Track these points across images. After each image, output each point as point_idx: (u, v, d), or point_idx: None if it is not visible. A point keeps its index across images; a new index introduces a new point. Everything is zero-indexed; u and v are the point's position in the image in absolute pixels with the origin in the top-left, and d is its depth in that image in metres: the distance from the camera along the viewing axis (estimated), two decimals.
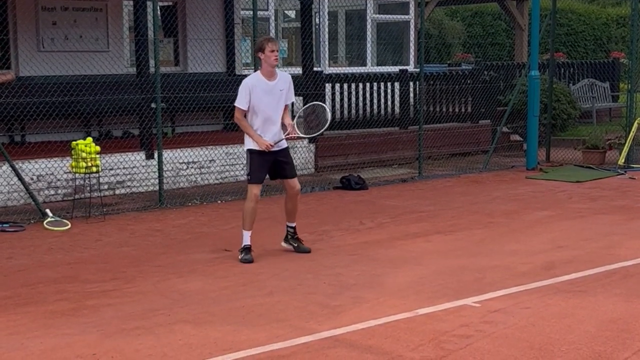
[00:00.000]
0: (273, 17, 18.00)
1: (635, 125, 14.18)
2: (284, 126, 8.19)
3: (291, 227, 8.54)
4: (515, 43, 21.41)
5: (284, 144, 8.17)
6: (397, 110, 15.19)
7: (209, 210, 10.85)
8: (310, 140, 13.58)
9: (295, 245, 8.50)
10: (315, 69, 14.04)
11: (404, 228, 9.64)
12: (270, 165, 8.17)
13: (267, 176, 8.35)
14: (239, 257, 8.12)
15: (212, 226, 9.86)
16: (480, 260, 8.08)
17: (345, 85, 14.67)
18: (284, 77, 8.20)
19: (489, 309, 6.45)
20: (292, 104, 8.62)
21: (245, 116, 8.08)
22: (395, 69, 16.86)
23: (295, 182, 8.29)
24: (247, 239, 8.15)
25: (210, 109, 13.85)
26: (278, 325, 6.14)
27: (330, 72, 16.66)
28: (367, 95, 14.90)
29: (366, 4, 18.65)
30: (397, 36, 19.82)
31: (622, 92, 18.98)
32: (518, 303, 6.61)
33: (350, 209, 10.94)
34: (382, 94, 15.08)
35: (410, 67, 18.20)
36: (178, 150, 12.19)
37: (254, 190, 8.09)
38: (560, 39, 26.80)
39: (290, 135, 8.13)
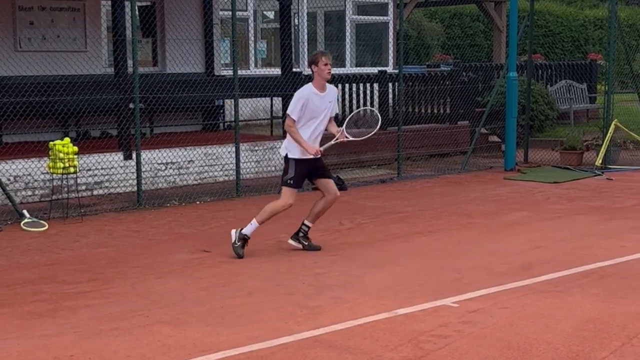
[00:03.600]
0: (252, 18, 18.00)
1: (613, 126, 14.28)
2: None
3: (307, 227, 8.65)
4: (494, 44, 21.53)
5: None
6: (376, 111, 15.18)
7: (188, 211, 10.82)
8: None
9: (306, 243, 8.61)
10: (294, 69, 14.03)
11: (383, 229, 9.66)
12: (308, 173, 8.46)
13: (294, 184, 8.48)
14: (234, 243, 8.27)
15: (191, 227, 9.83)
16: (459, 260, 8.11)
17: None
18: (332, 89, 8.49)
19: (467, 309, 6.47)
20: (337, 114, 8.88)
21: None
22: (374, 70, 16.89)
23: (335, 187, 8.56)
24: (251, 230, 8.33)
25: (189, 109, 13.82)
26: (257, 325, 6.12)
27: (309, 72, 16.64)
28: (347, 96, 14.91)
29: (345, 5, 18.68)
30: (376, 37, 19.88)
31: (599, 94, 19.12)
32: (496, 303, 6.64)
33: (330, 209, 10.90)
34: (362, 95, 15.10)
35: (390, 68, 18.26)
36: (156, 150, 12.14)
37: (290, 199, 8.35)
38: (538, 41, 26.96)
39: (340, 140, 8.46)
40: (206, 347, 5.66)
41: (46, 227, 9.70)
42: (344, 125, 8.60)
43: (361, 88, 15.08)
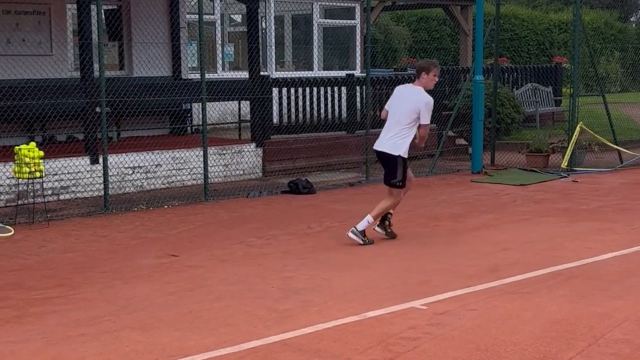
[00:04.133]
0: (219, 21, 17.95)
1: (578, 129, 14.43)
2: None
3: (390, 214, 9.26)
4: (460, 48, 21.66)
5: None
6: (344, 114, 15.24)
7: (156, 215, 10.75)
8: (258, 144, 13.60)
9: (388, 231, 9.20)
10: (262, 73, 14.02)
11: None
12: None
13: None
14: (365, 240, 8.83)
15: (159, 231, 9.77)
16: (427, 263, 8.15)
17: (292, 90, 14.67)
18: None
19: (436, 311, 6.50)
20: None
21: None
22: (342, 73, 16.92)
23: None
24: (367, 224, 8.88)
25: (156, 113, 13.74)
26: (226, 330, 6.10)
27: (277, 76, 16.66)
28: (315, 99, 14.92)
29: (312, 9, 18.70)
30: (344, 41, 19.92)
31: (564, 97, 19.29)
32: (464, 305, 6.67)
33: (299, 213, 10.94)
34: (329, 98, 15.11)
35: (357, 72, 18.30)
36: (123, 154, 12.06)
37: (401, 196, 9.21)
38: (504, 44, 27.23)
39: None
40: (175, 352, 5.63)
41: (12, 232, 9.59)
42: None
43: (329, 91, 15.10)
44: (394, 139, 8.97)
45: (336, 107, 15.20)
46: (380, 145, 9.11)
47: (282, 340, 5.87)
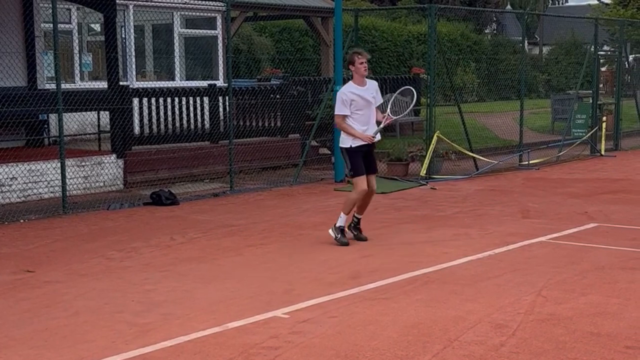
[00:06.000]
0: (76, 30, 17.50)
1: (435, 137, 14.88)
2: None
3: (357, 218, 9.60)
4: (322, 59, 21.92)
5: (378, 137, 9.41)
6: (207, 124, 15.17)
7: (11, 230, 10.38)
8: (119, 156, 13.34)
9: (355, 233, 9.59)
10: (121, 83, 13.77)
11: (215, 242, 9.63)
12: (363, 159, 9.34)
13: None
14: (336, 237, 9.28)
15: (14, 246, 9.43)
16: (291, 271, 8.21)
17: (154, 100, 14.49)
18: (373, 83, 9.56)
19: (297, 320, 6.55)
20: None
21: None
22: (204, 83, 16.83)
23: (374, 182, 9.50)
24: (344, 220, 9.33)
25: (10, 124, 13.26)
26: (83, 346, 5.95)
27: (137, 86, 16.40)
28: (177, 109, 14.79)
29: (173, 19, 18.52)
30: (206, 51, 19.82)
31: (422, 107, 19.84)
32: (326, 312, 6.76)
33: (161, 224, 10.80)
34: (192, 109, 15.01)
35: (220, 82, 18.24)
36: None
37: (362, 184, 9.27)
38: None
39: (387, 122, 9.43)
40: None
41: None
42: (388, 111, 9.57)
43: (191, 101, 15.00)
44: (341, 134, 9.53)
45: (199, 117, 15.11)
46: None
47: (142, 355, 5.77)
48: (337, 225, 9.41)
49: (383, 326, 6.38)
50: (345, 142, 9.40)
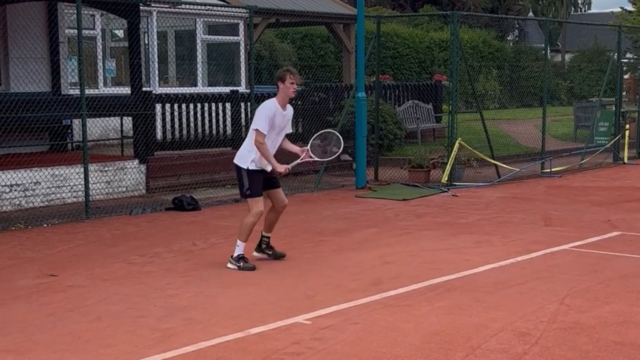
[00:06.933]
0: (100, 36, 17.64)
1: (457, 145, 14.84)
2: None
3: (267, 237, 8.89)
4: (344, 65, 21.94)
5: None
6: (229, 130, 15.21)
7: (35, 234, 10.45)
8: (141, 161, 13.41)
9: (270, 252, 8.91)
10: (144, 89, 13.85)
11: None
12: (263, 181, 8.61)
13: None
14: (239, 266, 8.42)
15: (37, 251, 9.50)
16: (312, 278, 8.21)
17: (176, 106, 14.56)
18: (291, 110, 8.72)
19: (319, 326, 6.55)
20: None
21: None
22: (226, 89, 16.89)
23: (284, 196, 8.86)
24: (242, 249, 8.50)
25: (35, 129, 13.38)
26: (106, 351, 5.98)
27: (160, 92, 16.49)
28: (199, 115, 14.85)
29: (196, 25, 18.62)
30: (229, 57, 19.90)
31: (444, 113, 19.81)
32: (347, 319, 6.75)
33: (183, 230, 10.84)
34: (214, 114, 15.07)
35: (242, 88, 18.30)
36: (0, 172, 11.68)
37: (259, 206, 8.50)
38: (386, 62, 27.76)
39: (305, 159, 8.74)
40: None
41: None
42: (309, 146, 8.85)
43: (213, 107, 15.05)
44: (240, 151, 8.69)
45: (221, 123, 15.16)
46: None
47: None
48: (235, 255, 8.51)
49: (405, 333, 6.37)
50: (245, 161, 8.51)
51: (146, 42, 17.75)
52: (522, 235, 10.27)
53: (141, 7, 13.88)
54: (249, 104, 14.61)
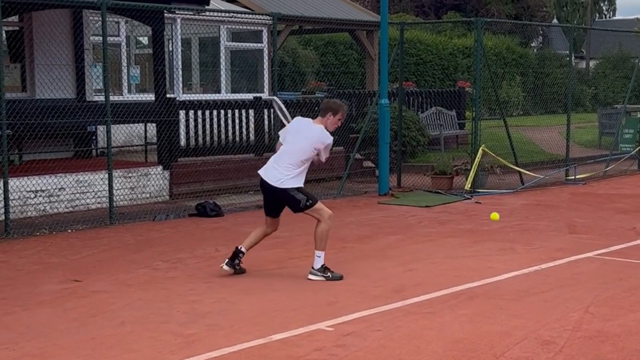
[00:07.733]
0: (124, 43, 17.77)
1: (480, 151, 14.78)
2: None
3: (243, 254, 8.64)
4: (367, 72, 21.96)
5: None
6: (252, 137, 15.26)
7: (59, 239, 10.53)
8: (165, 167, 13.50)
9: (238, 268, 8.61)
10: (168, 95, 13.93)
11: (259, 254, 9.64)
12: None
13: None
14: (327, 276, 8.31)
15: (62, 256, 9.57)
16: (334, 284, 8.20)
17: (200, 112, 14.62)
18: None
19: (342, 333, 6.55)
20: None
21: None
22: (249, 96, 16.95)
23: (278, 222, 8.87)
24: (323, 258, 8.42)
25: (60, 135, 13.49)
26: (129, 356, 6.01)
27: (184, 98, 16.57)
28: (222, 122, 14.90)
29: (219, 32, 18.70)
30: (252, 64, 19.97)
31: (467, 120, 19.75)
32: (370, 326, 6.74)
33: (206, 236, 10.88)
34: (237, 121, 15.12)
35: (265, 95, 18.35)
36: (25, 178, 11.79)
37: (327, 210, 8.53)
38: (409, 69, 27.73)
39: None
40: None
41: None
42: None
43: (236, 114, 15.10)
44: (285, 175, 8.51)
45: (244, 130, 15.20)
46: (267, 174, 8.68)
47: None
48: (318, 266, 8.39)
49: (427, 341, 6.35)
50: (296, 182, 8.48)
51: (170, 49, 17.85)
52: (545, 243, 10.21)
53: (165, 14, 13.97)
54: (271, 110, 14.65)
